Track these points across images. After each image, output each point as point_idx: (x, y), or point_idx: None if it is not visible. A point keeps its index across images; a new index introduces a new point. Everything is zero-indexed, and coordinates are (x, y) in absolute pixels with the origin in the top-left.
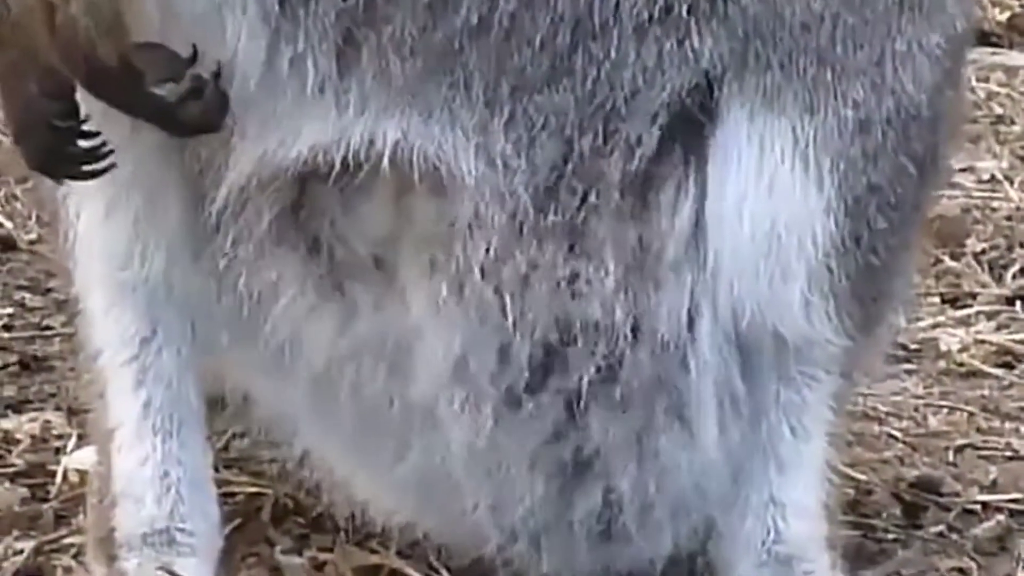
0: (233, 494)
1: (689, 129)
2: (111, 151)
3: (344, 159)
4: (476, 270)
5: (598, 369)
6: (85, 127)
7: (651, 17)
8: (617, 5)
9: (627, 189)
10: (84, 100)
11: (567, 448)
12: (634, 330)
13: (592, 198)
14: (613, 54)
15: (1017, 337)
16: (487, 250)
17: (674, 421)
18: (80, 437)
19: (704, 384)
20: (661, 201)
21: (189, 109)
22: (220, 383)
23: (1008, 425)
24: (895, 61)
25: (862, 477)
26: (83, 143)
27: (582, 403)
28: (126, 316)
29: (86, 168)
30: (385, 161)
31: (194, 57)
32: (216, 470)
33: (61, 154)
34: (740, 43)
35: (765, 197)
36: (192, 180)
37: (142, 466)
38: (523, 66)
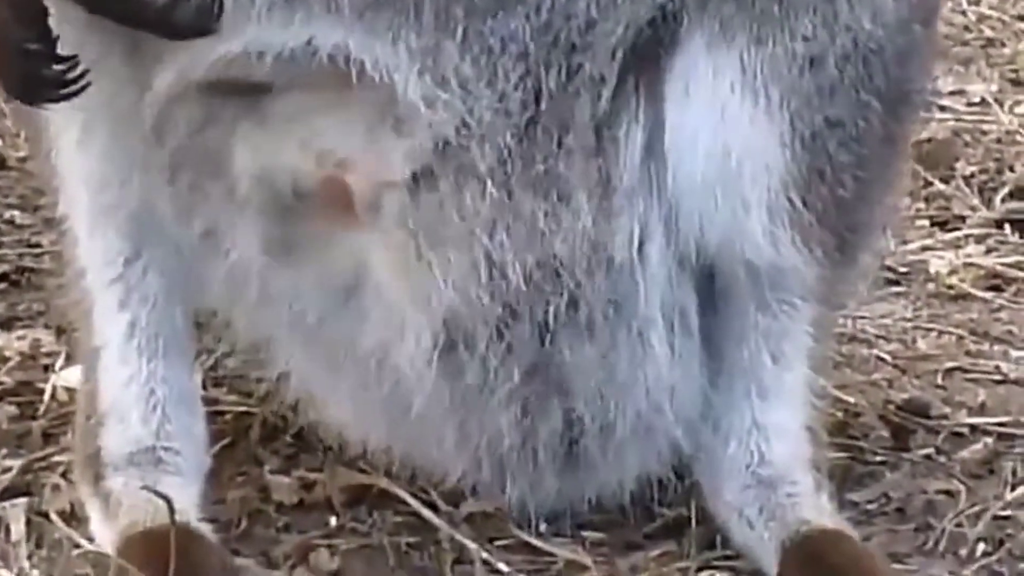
0: (222, 413)
1: (644, 62)
2: (85, 72)
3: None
4: (432, 204)
5: (561, 300)
6: (58, 51)
7: None
8: None
9: (589, 126)
10: (57, 24)
11: (533, 377)
12: (591, 259)
13: (557, 135)
14: None
15: (1006, 260)
16: (443, 181)
17: (633, 345)
18: (69, 355)
19: (656, 306)
20: (616, 135)
21: (183, 12)
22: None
23: (997, 348)
24: None
25: (850, 400)
26: (57, 67)
27: (548, 333)
28: (109, 237)
29: (62, 92)
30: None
31: None
32: (204, 389)
33: (36, 79)
34: None
35: (718, 128)
36: None
37: (127, 385)
38: None
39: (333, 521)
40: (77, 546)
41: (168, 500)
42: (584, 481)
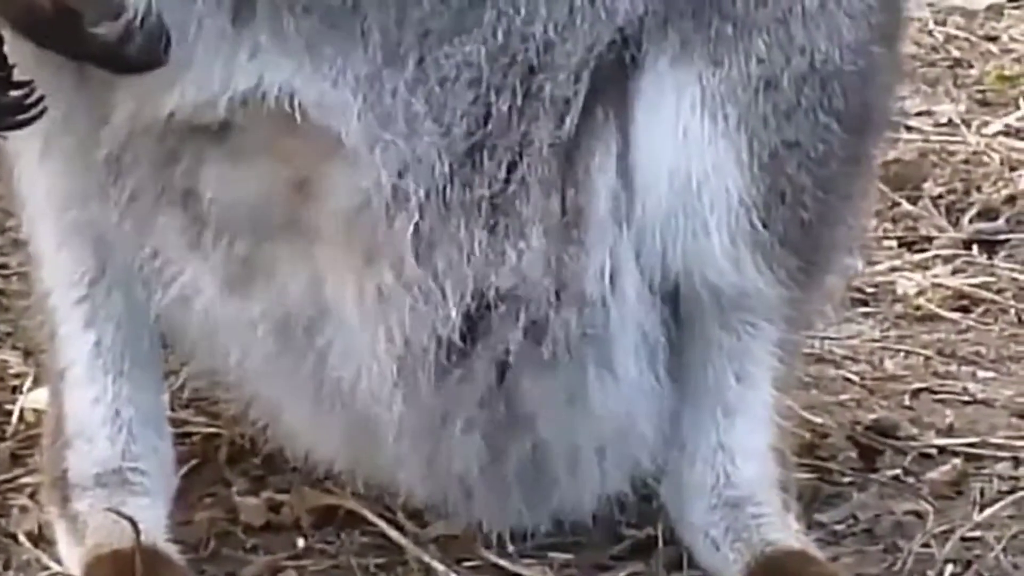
0: (189, 434)
1: (608, 86)
2: (42, 98)
3: (229, 110)
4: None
5: (525, 332)
6: (14, 77)
7: None
8: None
9: (554, 152)
10: (11, 47)
11: (496, 406)
12: (559, 292)
13: (515, 163)
14: (522, 7)
15: (974, 281)
16: (397, 216)
17: (602, 374)
18: (37, 377)
19: (627, 335)
20: (586, 163)
21: (130, 46)
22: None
23: (964, 369)
24: (804, 19)
25: (818, 420)
26: (13, 93)
27: (511, 364)
28: (73, 256)
29: (19, 118)
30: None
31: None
32: (172, 410)
33: None
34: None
35: (681, 150)
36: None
37: (94, 406)
38: (425, 16)
39: (301, 542)
40: (45, 568)
41: (133, 522)
42: (549, 504)
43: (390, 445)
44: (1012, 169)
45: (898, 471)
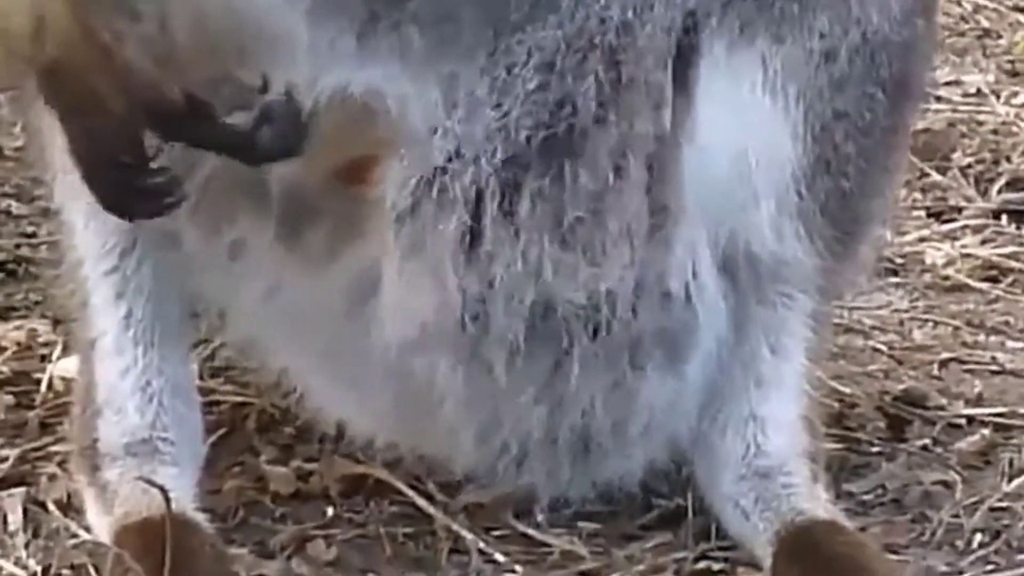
0: (218, 403)
1: (679, 71)
2: (180, 183)
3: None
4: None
5: (597, 331)
6: (152, 164)
7: None
8: None
9: (644, 144)
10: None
11: (557, 386)
12: (640, 292)
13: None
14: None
15: (1003, 251)
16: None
17: (672, 361)
18: (66, 345)
19: (705, 324)
20: (669, 154)
21: (264, 134)
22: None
23: (993, 339)
24: None
25: (846, 391)
26: (152, 180)
27: (575, 354)
28: (106, 228)
29: (160, 203)
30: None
31: (265, 84)
32: (201, 379)
33: (133, 192)
34: None
35: (738, 127)
36: None
37: (124, 376)
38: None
39: (330, 511)
40: (74, 536)
41: (164, 491)
42: (596, 477)
43: (443, 415)
44: None
45: (926, 441)
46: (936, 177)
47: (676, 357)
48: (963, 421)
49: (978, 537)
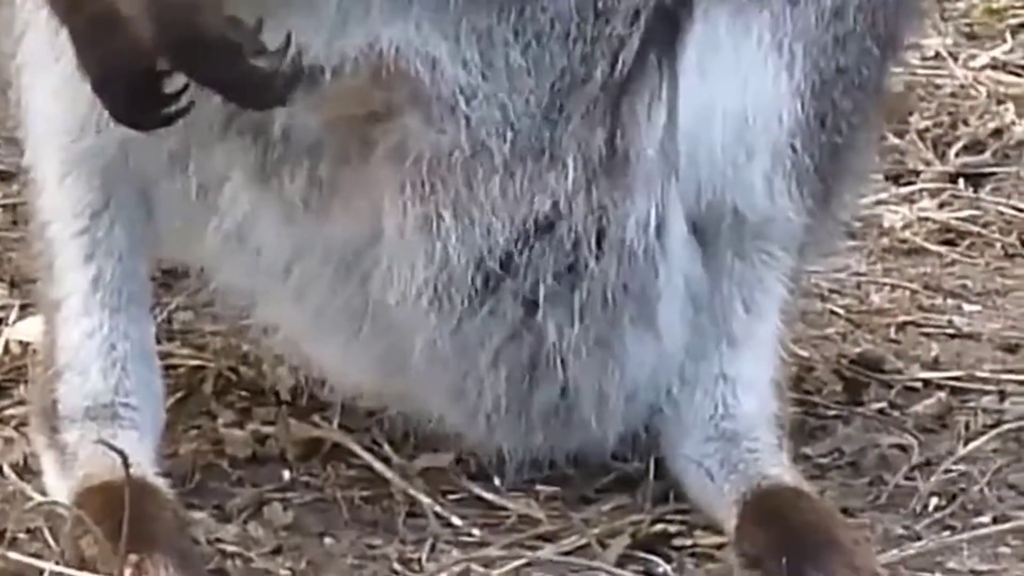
0: (175, 367)
1: (663, 28)
2: (186, 88)
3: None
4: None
5: (560, 272)
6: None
7: None
8: None
9: (607, 95)
10: None
11: (528, 341)
12: (600, 236)
13: (576, 106)
14: None
15: (960, 215)
16: (459, 151)
17: (638, 317)
18: (23, 308)
19: (671, 288)
20: (636, 107)
21: (280, 79)
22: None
23: (950, 302)
24: None
25: (804, 354)
26: (166, 88)
27: (544, 302)
28: (79, 187)
29: (167, 111)
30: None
31: (288, 39)
32: (158, 343)
33: (145, 103)
34: None
35: (740, 86)
36: None
37: (89, 339)
38: None
39: (287, 475)
40: (29, 498)
41: (123, 454)
42: (569, 440)
43: (422, 370)
44: (999, 103)
45: (883, 404)
46: (894, 140)
47: (643, 311)
48: (919, 384)
49: (934, 500)
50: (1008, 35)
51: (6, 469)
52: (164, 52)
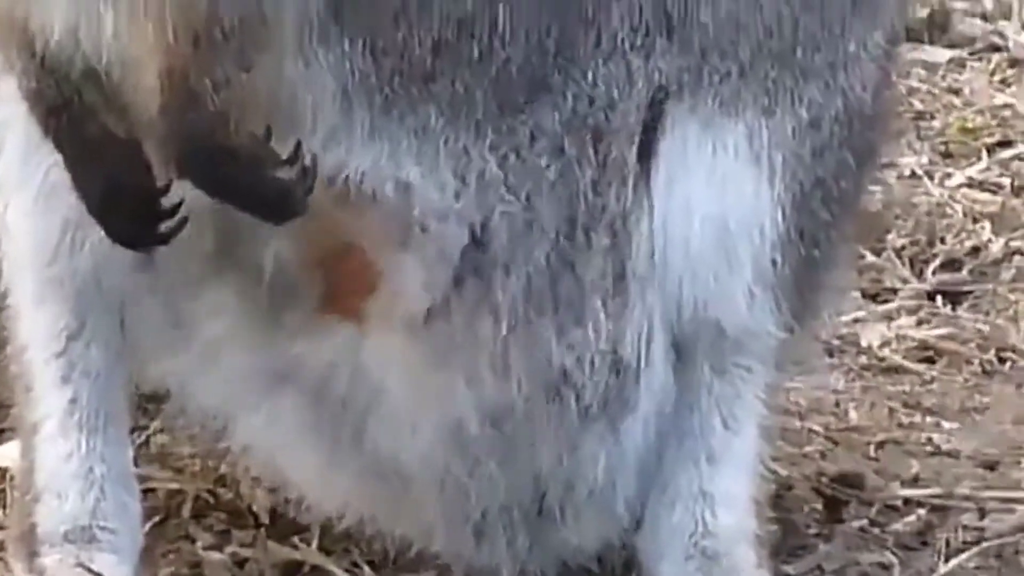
0: (153, 490)
1: (647, 143)
2: (181, 204)
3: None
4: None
5: (563, 402)
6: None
7: (620, 36)
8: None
9: (612, 215)
10: None
11: (511, 462)
12: (601, 363)
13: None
14: (589, 72)
15: (938, 332)
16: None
17: (617, 432)
18: (2, 432)
19: (652, 397)
20: (621, 224)
21: (301, 191)
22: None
23: (929, 420)
24: (846, 61)
25: (783, 471)
26: (163, 205)
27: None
28: (54, 310)
29: (164, 229)
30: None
31: (298, 148)
32: (136, 465)
33: (144, 221)
34: (697, 57)
35: (718, 197)
36: None
37: (66, 462)
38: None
39: None
40: None
41: None
42: (547, 556)
43: (399, 492)
44: (975, 221)
45: (863, 522)
46: (871, 258)
47: (623, 426)
48: (900, 502)
49: None
50: (984, 153)
51: None
52: (186, 167)
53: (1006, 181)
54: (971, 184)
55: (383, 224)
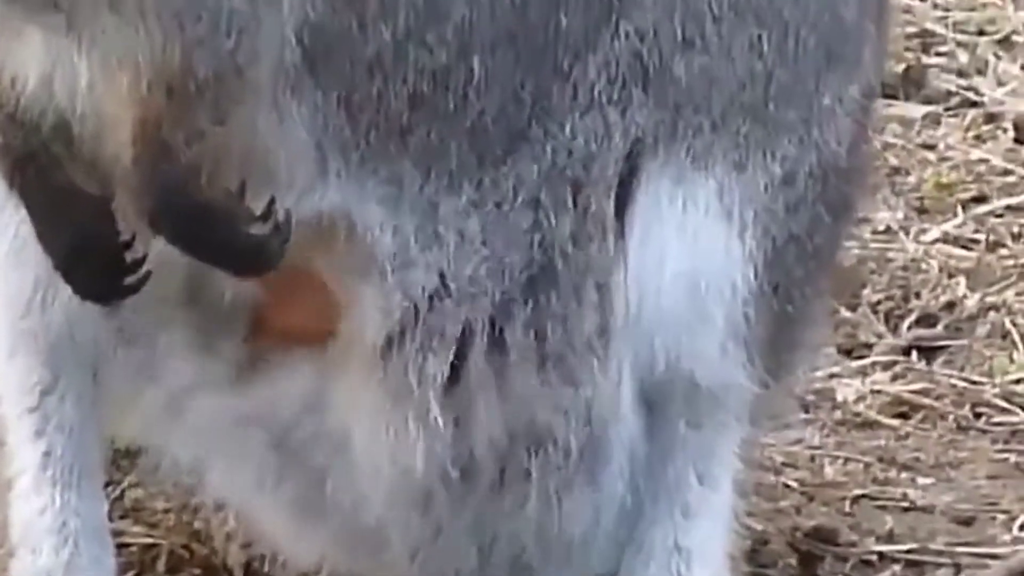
0: (128, 545)
1: (620, 198)
2: (145, 258)
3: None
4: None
5: (535, 456)
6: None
7: (597, 89)
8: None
9: (595, 269)
10: None
11: (485, 513)
12: (578, 420)
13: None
14: (567, 125)
15: (913, 387)
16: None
17: (590, 488)
18: None
19: (624, 451)
20: (605, 277)
21: (274, 245)
22: (118, 432)
23: (904, 475)
24: (821, 116)
25: (758, 527)
26: (128, 258)
27: (509, 483)
28: (27, 364)
29: (129, 282)
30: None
31: (271, 203)
32: (111, 520)
33: (109, 275)
34: (671, 111)
35: (689, 252)
36: None
37: (40, 516)
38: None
39: None
40: None
41: None
42: None
43: (374, 542)
44: (950, 276)
45: None
46: (846, 314)
47: (596, 482)
48: (875, 558)
49: None
50: (959, 209)
51: None
52: (159, 222)
53: (981, 237)
54: (946, 240)
55: (349, 262)
